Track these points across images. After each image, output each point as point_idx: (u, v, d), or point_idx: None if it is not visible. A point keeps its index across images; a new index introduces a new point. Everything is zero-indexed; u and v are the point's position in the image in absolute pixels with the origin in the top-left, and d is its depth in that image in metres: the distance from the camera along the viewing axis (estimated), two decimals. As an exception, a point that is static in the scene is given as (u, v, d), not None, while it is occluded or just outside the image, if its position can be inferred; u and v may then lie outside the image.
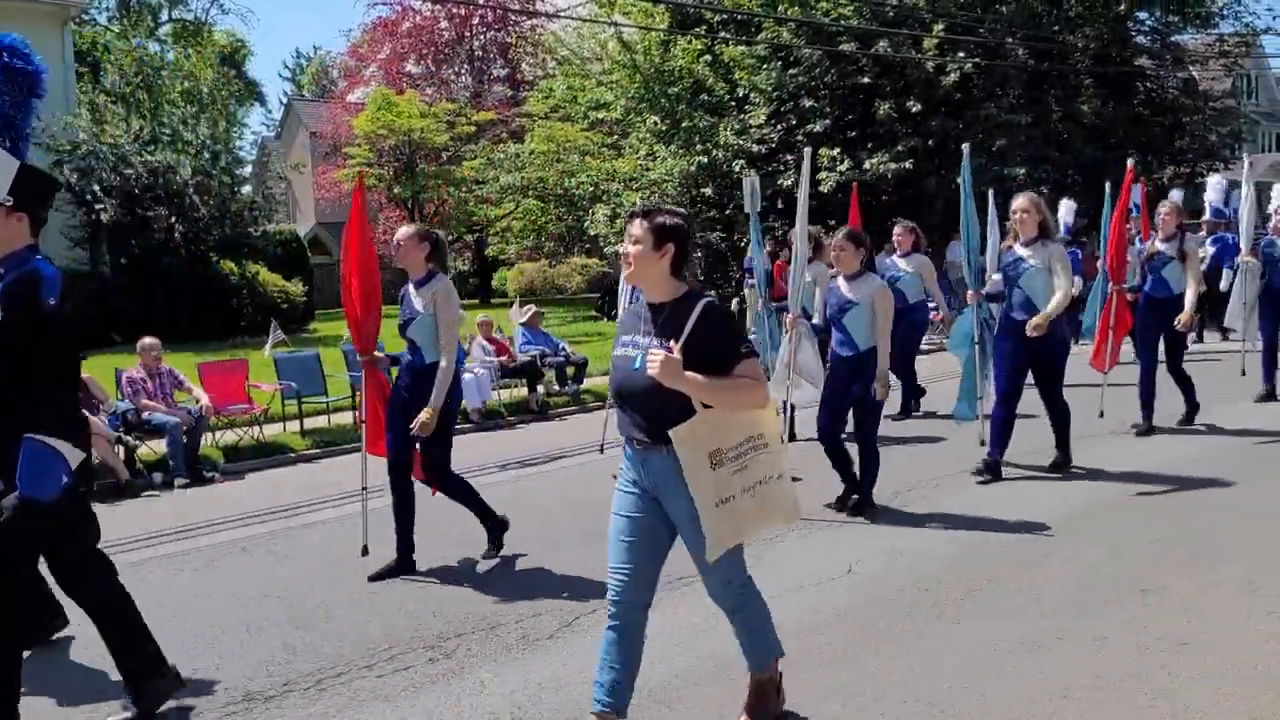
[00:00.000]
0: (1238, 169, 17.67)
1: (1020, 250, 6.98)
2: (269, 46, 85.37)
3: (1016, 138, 20.12)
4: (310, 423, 10.44)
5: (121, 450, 8.63)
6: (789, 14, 21.14)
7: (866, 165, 19.82)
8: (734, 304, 15.13)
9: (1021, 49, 21.31)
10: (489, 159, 24.75)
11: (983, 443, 7.47)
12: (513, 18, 32.59)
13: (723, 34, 22.05)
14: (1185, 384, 8.68)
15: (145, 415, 8.83)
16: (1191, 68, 24.59)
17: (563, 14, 24.77)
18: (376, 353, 5.89)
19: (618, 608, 3.50)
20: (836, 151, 20.26)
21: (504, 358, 11.55)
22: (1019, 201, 6.97)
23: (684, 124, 21.96)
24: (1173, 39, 23.84)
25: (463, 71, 34.85)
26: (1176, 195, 14.28)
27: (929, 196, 20.11)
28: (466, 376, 10.87)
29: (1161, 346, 8.54)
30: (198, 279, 19.25)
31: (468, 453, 7.11)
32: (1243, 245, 9.96)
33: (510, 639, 4.69)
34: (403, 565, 5.72)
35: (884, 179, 19.86)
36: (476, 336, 11.59)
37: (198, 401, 9.13)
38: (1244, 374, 10.26)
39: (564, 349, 12.43)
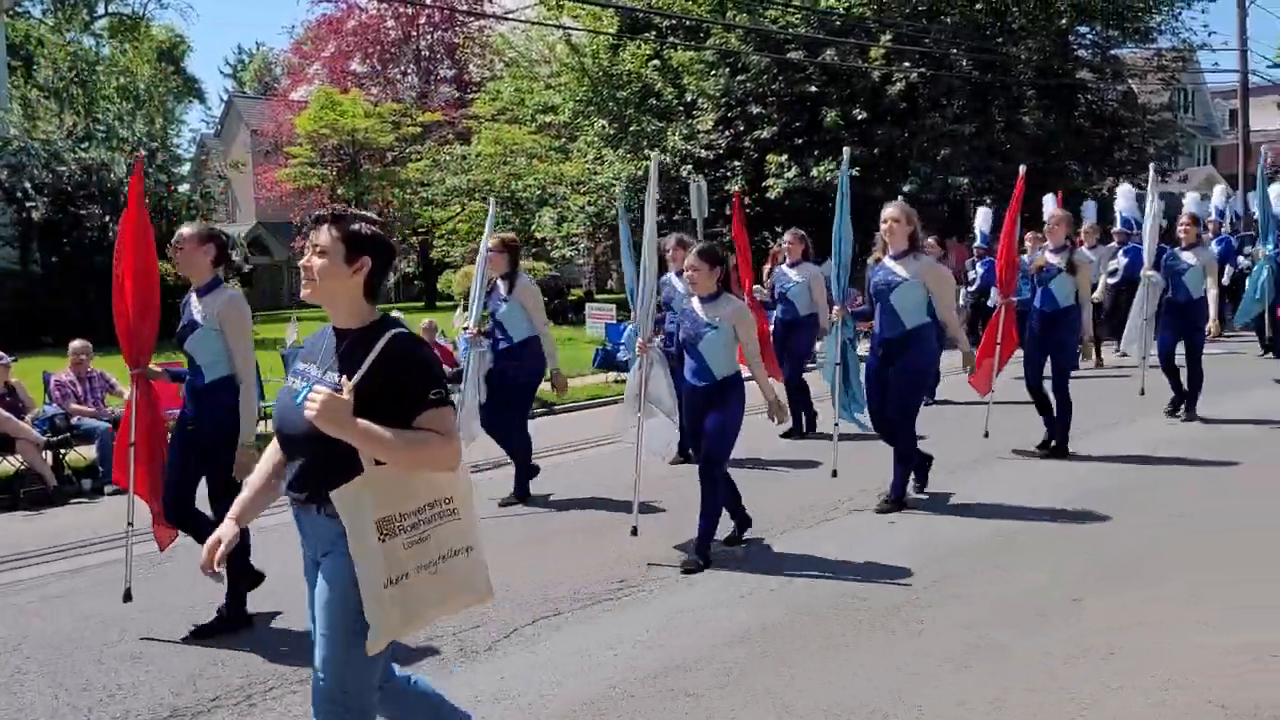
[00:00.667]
0: (1173, 181, 18.01)
1: (889, 264, 6.48)
2: (209, 42, 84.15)
3: (961, 148, 20.39)
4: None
5: (49, 456, 8.38)
6: (737, 20, 21.24)
7: (814, 173, 19.96)
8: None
9: (966, 60, 21.61)
10: (435, 160, 24.57)
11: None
12: (460, 18, 32.36)
13: (671, 39, 22.09)
14: (1063, 409, 8.05)
15: (74, 420, 8.58)
16: (1130, 81, 25.12)
17: (511, 15, 24.64)
18: (152, 365, 5.25)
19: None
20: (784, 158, 20.39)
21: (447, 364, 11.40)
22: (888, 210, 6.47)
23: (632, 128, 21.95)
24: (1112, 53, 24.34)
25: (409, 71, 34.54)
26: (1090, 206, 14.38)
27: (875, 204, 20.31)
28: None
29: (1048, 365, 8.05)
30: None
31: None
32: (1146, 259, 9.58)
33: (448, 652, 4.61)
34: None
35: (831, 186, 20.01)
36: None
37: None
38: (1143, 393, 9.63)
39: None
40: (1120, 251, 14.71)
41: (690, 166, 20.70)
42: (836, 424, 7.12)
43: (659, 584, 5.40)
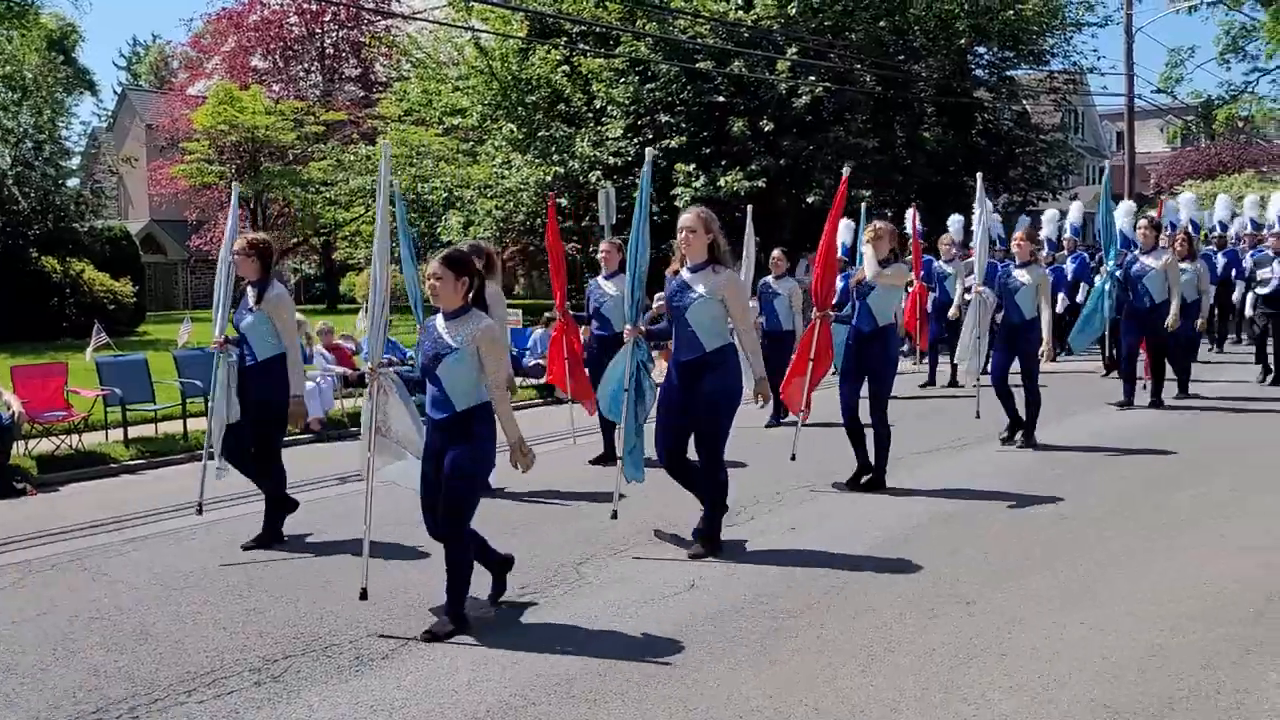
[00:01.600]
0: (1064, 199, 18.69)
1: (686, 277, 5.80)
2: (103, 33, 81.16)
3: (864, 161, 20.85)
4: (136, 431, 9.86)
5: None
6: (647, 29, 21.37)
7: (721, 182, 20.18)
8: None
9: (869, 76, 22.12)
10: (338, 160, 24.10)
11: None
12: (367, 17, 31.84)
13: (581, 45, 22.10)
14: (881, 440, 7.31)
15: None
16: (1025, 101, 26.04)
17: (419, 16, 24.33)
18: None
19: None
20: (692, 167, 20.57)
21: (346, 367, 11.20)
22: (685, 219, 5.76)
23: (540, 133, 21.89)
24: (1008, 74, 25.21)
25: (313, 69, 33.85)
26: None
27: (780, 215, 20.63)
28: (307, 385, 10.48)
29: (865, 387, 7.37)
30: (16, 276, 18.02)
31: (307, 465, 6.82)
32: (976, 277, 9.15)
33: (343, 660, 4.50)
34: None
35: (738, 196, 20.28)
36: (316, 344, 11.20)
37: (8, 407, 8.50)
38: (979, 416, 9.27)
39: (413, 357, 12.14)
40: (1070, 258, 15.22)
41: (599, 173, 20.73)
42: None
43: (564, 590, 5.37)
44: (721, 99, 21.17)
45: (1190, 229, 15.24)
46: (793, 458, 7.58)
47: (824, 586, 5.30)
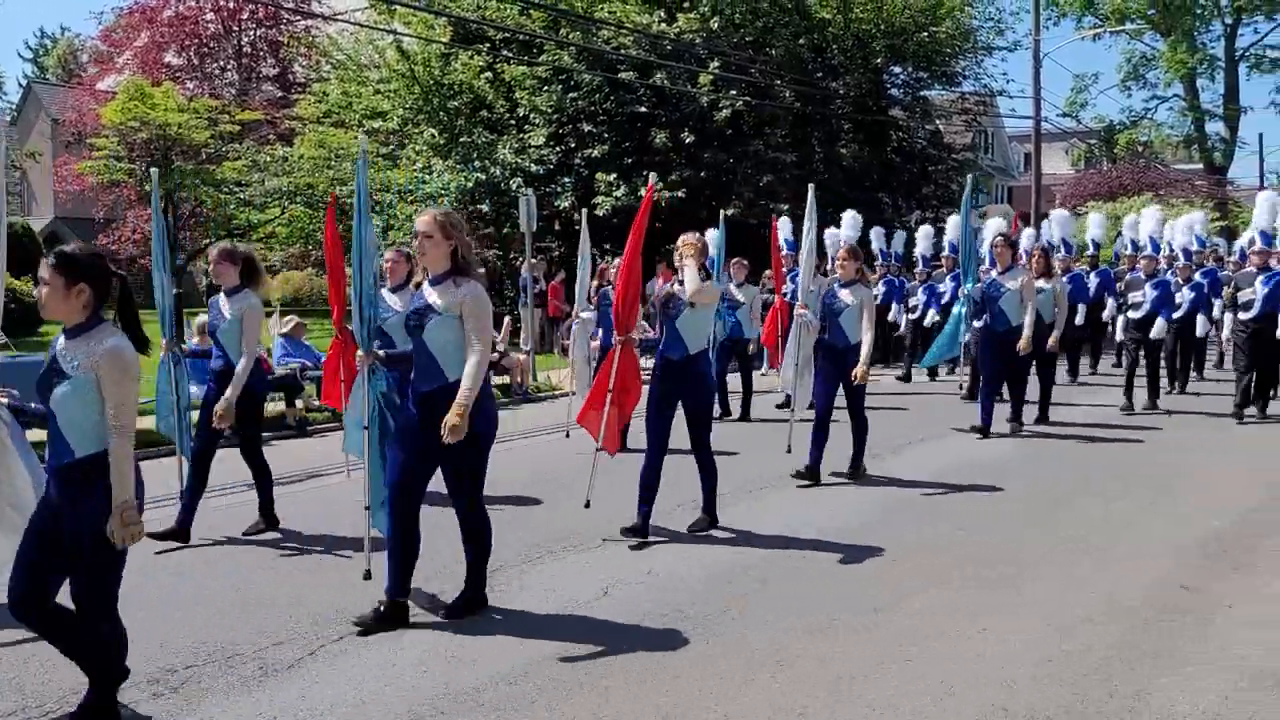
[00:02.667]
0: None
1: (427, 291, 4.88)
2: (8, 24, 78.29)
3: (782, 175, 21.15)
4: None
5: None
6: (570, 38, 21.40)
7: (642, 192, 20.27)
8: (507, 321, 15.03)
9: (788, 91, 22.47)
10: (254, 161, 23.60)
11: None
12: (286, 16, 31.28)
13: (505, 52, 22.03)
14: (707, 473, 6.50)
15: None
16: (938, 121, 26.72)
17: (339, 16, 23.98)
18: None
19: None
20: (613, 177, 20.63)
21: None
22: (420, 222, 4.83)
23: (462, 139, 21.75)
24: (922, 93, 25.85)
25: (229, 67, 33.11)
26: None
27: (700, 227, 20.80)
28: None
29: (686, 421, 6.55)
30: (-93, 272, 17.21)
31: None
32: (800, 296, 8.49)
33: (247, 670, 4.41)
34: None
35: (659, 206, 20.40)
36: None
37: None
38: (789, 450, 8.42)
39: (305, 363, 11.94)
40: (948, 277, 15.08)
41: (520, 180, 20.67)
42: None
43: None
44: (644, 110, 21.30)
45: (1061, 247, 15.33)
46: (587, 504, 6.60)
47: (736, 593, 5.36)
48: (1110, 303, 14.94)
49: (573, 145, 21.41)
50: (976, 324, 10.53)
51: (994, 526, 6.79)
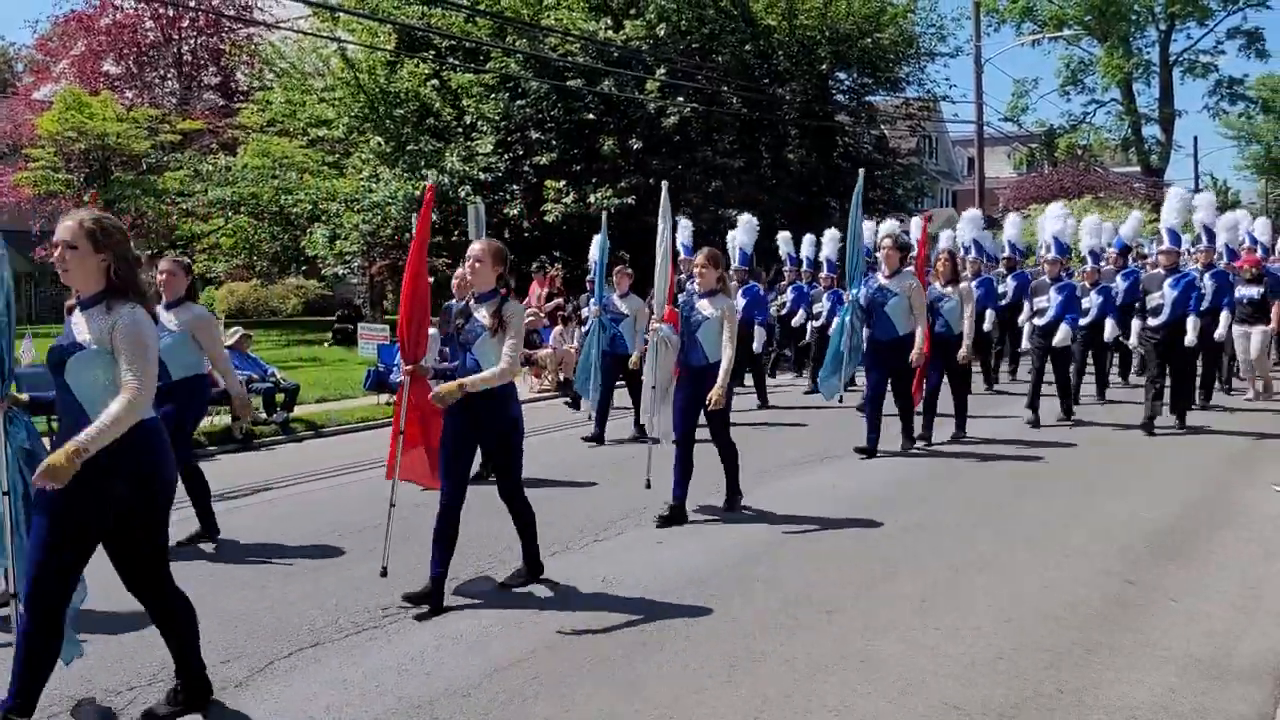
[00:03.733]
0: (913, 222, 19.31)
1: (76, 324, 3.85)
2: (-61, 31, 76.32)
3: (731, 180, 21.28)
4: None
5: None
6: (517, 46, 21.36)
7: (591, 199, 20.27)
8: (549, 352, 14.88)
9: (736, 98, 22.61)
10: (196, 170, 23.24)
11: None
12: (227, 24, 30.86)
13: (451, 60, 21.94)
14: (520, 512, 5.56)
15: None
16: (883, 126, 27.05)
17: (282, 25, 23.71)
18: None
19: None
20: (562, 184, 20.62)
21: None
22: (60, 229, 3.91)
23: (409, 147, 21.63)
24: (867, 99, 26.17)
25: (169, 76, 32.56)
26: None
27: (650, 234, 20.86)
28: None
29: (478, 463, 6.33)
30: None
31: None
32: (655, 307, 7.81)
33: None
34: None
35: (607, 213, 20.44)
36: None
37: None
38: (649, 486, 7.47)
39: (274, 374, 11.78)
40: (791, 289, 14.74)
41: (469, 188, 20.58)
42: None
43: (427, 609, 5.27)
44: (591, 117, 21.33)
45: (1007, 247, 14.81)
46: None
47: (689, 601, 5.36)
48: (1026, 307, 13.08)
49: (521, 153, 21.38)
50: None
51: (937, 533, 6.86)
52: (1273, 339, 12.78)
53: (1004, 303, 14.03)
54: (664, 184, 8.59)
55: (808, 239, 15.52)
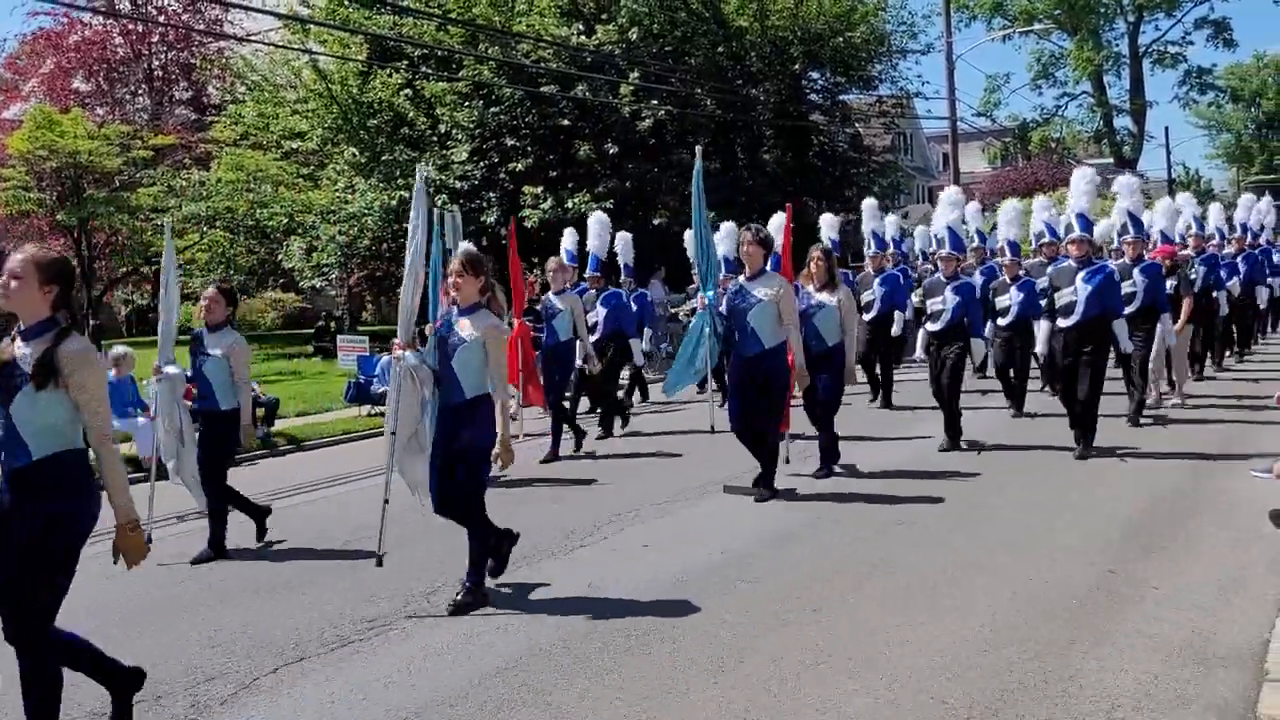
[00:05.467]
0: (896, 216, 19.32)
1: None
2: (-95, 52, 75.54)
3: (707, 183, 21.30)
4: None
5: None
6: (489, 53, 21.33)
7: (568, 204, 20.26)
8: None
9: (710, 100, 22.65)
10: (169, 186, 23.09)
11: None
12: (197, 38, 30.68)
13: (424, 69, 21.88)
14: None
15: None
16: (857, 124, 27.17)
17: (253, 38, 23.59)
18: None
19: None
20: (540, 190, 20.61)
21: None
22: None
23: (384, 157, 21.56)
24: (840, 98, 26.27)
25: (140, 92, 32.34)
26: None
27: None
28: (140, 420, 9.99)
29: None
30: None
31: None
32: (400, 331, 6.32)
33: (178, 708, 4.29)
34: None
35: (585, 218, 20.42)
36: (149, 378, 10.65)
37: None
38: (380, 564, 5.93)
39: (253, 389, 11.69)
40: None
41: (445, 197, 20.52)
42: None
43: (413, 621, 5.26)
44: (566, 122, 21.31)
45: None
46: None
47: (675, 602, 5.35)
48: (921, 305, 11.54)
49: (496, 160, 21.34)
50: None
51: (920, 531, 6.87)
52: (1188, 335, 11.19)
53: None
54: (419, 170, 6.94)
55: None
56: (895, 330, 11.93)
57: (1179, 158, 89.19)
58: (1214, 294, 12.64)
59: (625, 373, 12.56)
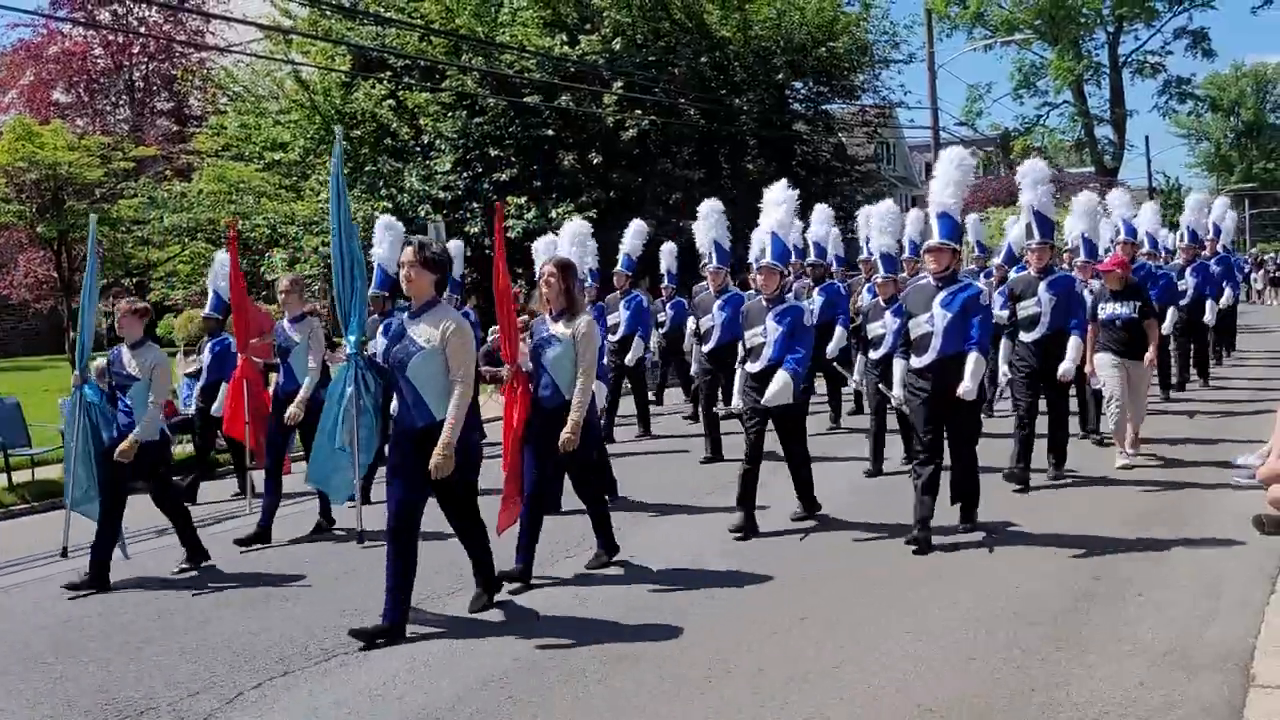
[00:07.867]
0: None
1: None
2: (-117, 63, 74.99)
3: (691, 192, 21.33)
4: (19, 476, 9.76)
5: None
6: (473, 63, 21.33)
7: (553, 215, 20.26)
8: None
9: (693, 110, 22.71)
10: (151, 198, 22.97)
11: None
12: (179, 49, 30.58)
13: (407, 79, 21.86)
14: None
15: None
16: (840, 134, 27.27)
17: (234, 48, 23.53)
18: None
19: None
20: (524, 200, 20.59)
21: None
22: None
23: (368, 168, 21.50)
24: (823, 108, 26.38)
25: (121, 103, 32.22)
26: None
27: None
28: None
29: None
30: None
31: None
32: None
33: (161, 725, 4.24)
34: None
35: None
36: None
37: None
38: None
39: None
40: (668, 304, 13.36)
41: (429, 207, 20.50)
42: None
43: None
44: (550, 133, 21.31)
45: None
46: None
47: (661, 613, 5.34)
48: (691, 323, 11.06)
49: (480, 170, 21.30)
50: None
51: (901, 545, 6.87)
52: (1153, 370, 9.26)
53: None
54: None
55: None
56: (830, 350, 10.27)
57: (1159, 166, 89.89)
58: (1205, 304, 12.10)
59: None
